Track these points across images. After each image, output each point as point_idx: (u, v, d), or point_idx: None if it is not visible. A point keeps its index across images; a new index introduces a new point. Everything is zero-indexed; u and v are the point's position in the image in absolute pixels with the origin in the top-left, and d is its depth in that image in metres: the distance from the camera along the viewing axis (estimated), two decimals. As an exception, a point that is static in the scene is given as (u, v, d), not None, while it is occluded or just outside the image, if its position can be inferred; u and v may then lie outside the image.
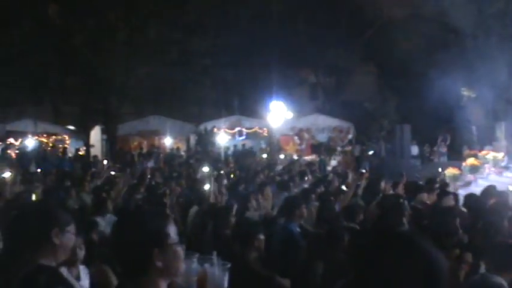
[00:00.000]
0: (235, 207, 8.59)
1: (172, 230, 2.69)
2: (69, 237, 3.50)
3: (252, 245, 5.82)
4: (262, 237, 5.95)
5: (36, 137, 27.47)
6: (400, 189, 11.52)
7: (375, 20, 31.73)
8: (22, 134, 27.09)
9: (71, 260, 4.14)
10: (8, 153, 24.52)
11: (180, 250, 2.72)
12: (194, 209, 10.16)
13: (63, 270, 3.52)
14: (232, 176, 16.99)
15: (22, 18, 24.77)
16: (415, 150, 25.97)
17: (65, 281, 3.41)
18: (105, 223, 7.81)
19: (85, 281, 4.58)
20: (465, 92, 25.87)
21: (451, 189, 12.75)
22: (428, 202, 9.80)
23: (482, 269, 5.04)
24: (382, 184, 11.31)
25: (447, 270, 2.07)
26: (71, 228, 3.53)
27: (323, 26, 31.01)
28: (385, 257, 2.05)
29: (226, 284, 3.46)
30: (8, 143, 26.79)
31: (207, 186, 11.38)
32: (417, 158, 25.46)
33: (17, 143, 27.03)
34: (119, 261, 2.69)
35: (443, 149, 25.47)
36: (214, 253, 3.44)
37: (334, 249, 6.03)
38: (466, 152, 22.25)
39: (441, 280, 2.03)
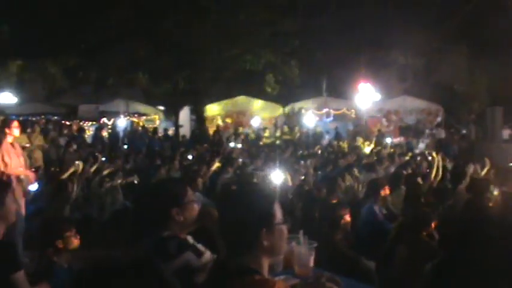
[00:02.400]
0: (323, 188, 8.65)
1: (277, 209, 2.77)
2: (191, 209, 3.66)
3: (339, 226, 5.88)
4: (348, 218, 5.99)
5: (128, 117, 28.17)
6: (490, 174, 11.32)
7: (467, -1, 30.97)
8: (114, 114, 27.82)
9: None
10: (101, 132, 25.26)
11: (285, 229, 2.80)
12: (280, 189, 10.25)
13: (190, 238, 3.67)
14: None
15: (117, 3, 25.30)
16: (506, 133, 25.27)
17: (193, 247, 3.57)
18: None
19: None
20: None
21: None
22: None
23: None
24: (471, 168, 11.12)
25: None
26: (190, 198, 3.69)
27: (413, 6, 30.45)
28: (476, 242, 2.07)
29: (312, 262, 3.54)
30: (101, 122, 27.59)
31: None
32: (509, 142, 24.75)
33: (109, 123, 27.79)
34: (225, 239, 2.79)
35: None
36: (301, 232, 3.52)
37: (419, 233, 6.02)
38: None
39: None
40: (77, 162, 12.03)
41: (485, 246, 2.09)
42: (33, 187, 9.39)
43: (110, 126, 27.23)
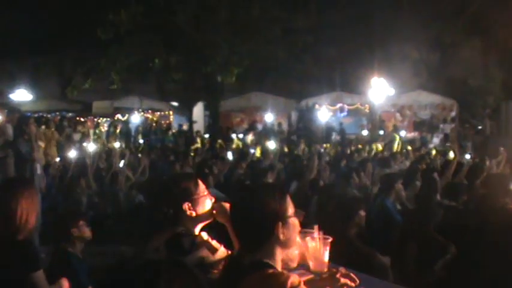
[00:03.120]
0: (337, 183, 8.64)
1: (289, 203, 2.84)
2: (203, 203, 3.66)
3: (353, 221, 5.87)
4: (363, 213, 5.98)
5: (142, 113, 28.28)
6: (506, 168, 11.26)
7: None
8: (128, 110, 27.96)
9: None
10: (116, 128, 25.39)
11: (297, 222, 2.88)
12: (294, 184, 10.25)
13: (204, 234, 3.67)
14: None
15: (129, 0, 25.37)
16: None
17: (207, 243, 3.57)
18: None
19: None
20: None
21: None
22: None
23: None
24: (487, 163, 11.07)
25: None
26: (202, 193, 3.69)
27: (426, 1, 30.35)
28: (491, 238, 2.06)
29: (327, 257, 3.52)
30: (115, 118, 27.73)
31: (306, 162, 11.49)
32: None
33: (123, 119, 27.93)
34: (239, 234, 2.86)
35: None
36: (316, 227, 3.50)
37: (426, 228, 5.98)
38: None
39: None
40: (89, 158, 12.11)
41: (498, 242, 2.07)
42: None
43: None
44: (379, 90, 26.02)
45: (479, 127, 26.97)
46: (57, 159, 14.95)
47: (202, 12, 25.76)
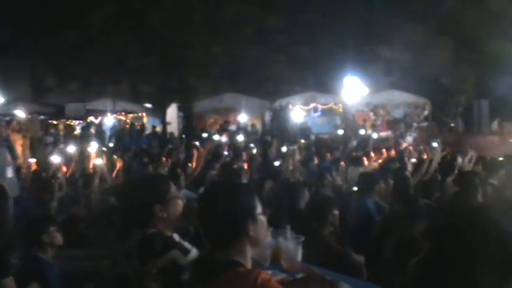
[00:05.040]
0: (310, 182, 8.63)
1: (258, 201, 2.87)
2: (174, 205, 3.64)
3: (327, 220, 5.86)
4: (336, 212, 5.97)
5: (115, 115, 28.13)
6: (478, 166, 11.34)
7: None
8: (101, 113, 27.79)
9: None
10: (89, 130, 25.24)
11: (265, 219, 2.90)
12: (269, 184, 10.24)
13: (176, 236, 3.65)
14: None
15: (102, 2, 25.25)
16: (495, 126, 25.42)
17: (179, 245, 3.56)
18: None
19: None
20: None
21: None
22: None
23: None
24: (459, 160, 11.15)
25: None
26: (174, 194, 3.67)
27: (398, 1, 30.54)
28: (463, 236, 2.05)
29: (299, 257, 3.52)
30: (88, 121, 27.56)
31: (277, 163, 11.51)
32: (496, 135, 24.87)
33: (96, 121, 27.76)
34: (210, 234, 2.83)
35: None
36: (288, 227, 3.50)
37: (409, 227, 6.00)
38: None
39: None
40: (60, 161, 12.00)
41: (470, 240, 2.07)
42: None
43: (96, 125, 27.20)
44: (353, 90, 26.14)
45: (452, 125, 27.20)
46: (30, 161, 14.82)
47: (175, 13, 25.69)
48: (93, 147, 14.76)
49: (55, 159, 13.03)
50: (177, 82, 28.43)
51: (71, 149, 15.33)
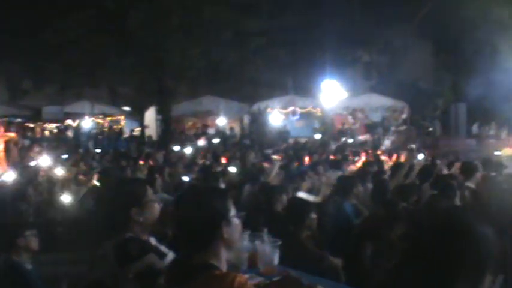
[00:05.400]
0: (288, 186, 8.63)
1: (231, 204, 2.88)
2: (151, 209, 3.62)
3: (304, 224, 5.86)
4: (314, 216, 5.98)
5: (93, 118, 27.98)
6: (455, 169, 11.40)
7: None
8: (79, 116, 27.63)
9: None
10: (65, 134, 25.09)
11: (239, 222, 2.91)
12: (247, 187, 10.23)
13: (152, 240, 3.63)
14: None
15: (79, 4, 25.10)
16: (475, 129, 25.65)
17: (155, 249, 3.53)
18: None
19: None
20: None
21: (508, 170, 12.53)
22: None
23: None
24: (437, 164, 11.21)
25: (494, 248, 2.07)
26: (150, 198, 3.65)
27: (378, 4, 30.64)
28: (438, 240, 2.06)
29: (276, 260, 3.52)
30: (65, 124, 27.39)
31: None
32: (473, 138, 25.08)
33: (74, 124, 27.60)
34: (185, 237, 2.85)
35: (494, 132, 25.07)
36: (265, 230, 3.49)
37: (388, 231, 6.02)
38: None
39: (486, 257, 2.03)
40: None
41: (445, 241, 2.07)
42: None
43: (73, 128, 27.06)
44: (331, 94, 26.21)
45: (430, 129, 27.37)
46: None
47: (154, 16, 25.61)
48: (70, 150, 14.69)
49: (32, 163, 12.94)
50: (156, 85, 28.34)
51: (49, 152, 15.22)
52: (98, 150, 21.79)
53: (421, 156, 12.50)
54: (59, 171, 11.85)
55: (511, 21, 24.85)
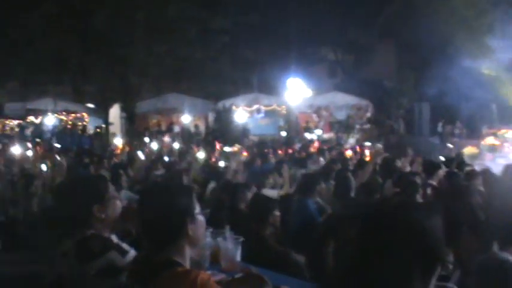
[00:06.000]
0: (252, 183, 8.63)
1: (196, 201, 2.89)
2: (113, 206, 3.60)
3: (267, 221, 5.86)
4: (277, 213, 5.98)
5: (56, 115, 27.70)
6: (418, 167, 11.51)
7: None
8: (42, 112, 27.33)
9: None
10: (27, 130, 24.81)
11: (203, 219, 2.92)
12: (211, 185, 10.23)
13: (114, 237, 3.61)
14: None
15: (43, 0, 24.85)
16: (439, 128, 25.91)
17: (117, 246, 3.51)
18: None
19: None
20: (485, 70, 25.56)
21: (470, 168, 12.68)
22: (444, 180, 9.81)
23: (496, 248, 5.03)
24: (399, 162, 11.29)
25: (442, 240, 2.08)
26: (112, 195, 3.63)
27: (343, 3, 30.82)
28: (378, 231, 2.07)
29: (239, 257, 3.52)
30: (28, 121, 27.08)
31: (223, 163, 11.50)
32: (436, 136, 25.34)
33: (37, 121, 27.30)
34: (149, 234, 2.84)
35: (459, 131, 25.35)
36: (227, 227, 3.50)
37: (346, 228, 6.06)
38: (485, 130, 22.14)
39: (436, 250, 2.04)
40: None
41: (385, 238, 2.09)
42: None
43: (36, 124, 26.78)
44: (296, 92, 26.29)
45: (394, 127, 27.60)
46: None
47: (119, 12, 25.44)
48: (32, 147, 14.52)
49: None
50: (120, 82, 28.17)
51: (11, 149, 15.06)
52: (58, 145, 21.63)
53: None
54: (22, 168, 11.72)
55: (474, 22, 25.15)
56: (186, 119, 28.68)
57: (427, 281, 2.04)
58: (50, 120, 27.04)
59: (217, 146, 18.85)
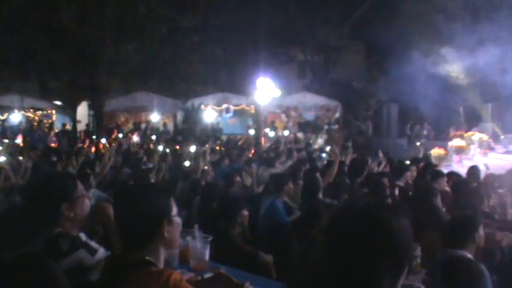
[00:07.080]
0: (220, 183, 8.64)
1: (173, 203, 2.86)
2: (81, 204, 3.57)
3: (236, 221, 5.87)
4: (245, 213, 5.99)
5: (23, 112, 27.40)
6: (386, 168, 11.62)
7: (365, -1, 31.72)
8: (8, 109, 27.01)
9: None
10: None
11: (180, 221, 2.90)
12: (180, 184, 10.21)
13: (82, 236, 3.58)
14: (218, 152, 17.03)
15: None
16: (408, 129, 26.12)
17: (86, 244, 3.48)
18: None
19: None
20: (453, 74, 25.84)
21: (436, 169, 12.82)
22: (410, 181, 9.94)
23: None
24: (368, 163, 11.37)
25: (411, 240, 2.10)
26: (81, 193, 3.60)
27: (313, 4, 30.94)
28: (346, 232, 2.07)
29: (207, 256, 3.52)
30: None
31: (188, 163, 11.50)
32: (404, 138, 25.55)
33: (2, 118, 26.98)
34: (124, 234, 2.84)
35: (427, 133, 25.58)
36: (196, 226, 3.49)
37: (312, 228, 6.09)
38: (452, 132, 22.38)
39: (404, 250, 2.05)
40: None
41: (354, 239, 2.09)
42: None
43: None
44: (265, 91, 26.30)
45: (362, 128, 27.79)
46: None
47: (87, 9, 25.25)
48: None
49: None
50: (88, 79, 27.98)
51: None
52: (19, 141, 21.45)
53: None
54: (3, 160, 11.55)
55: (443, 25, 25.41)
56: (154, 117, 28.58)
57: (395, 280, 2.05)
58: (16, 117, 26.76)
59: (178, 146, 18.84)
